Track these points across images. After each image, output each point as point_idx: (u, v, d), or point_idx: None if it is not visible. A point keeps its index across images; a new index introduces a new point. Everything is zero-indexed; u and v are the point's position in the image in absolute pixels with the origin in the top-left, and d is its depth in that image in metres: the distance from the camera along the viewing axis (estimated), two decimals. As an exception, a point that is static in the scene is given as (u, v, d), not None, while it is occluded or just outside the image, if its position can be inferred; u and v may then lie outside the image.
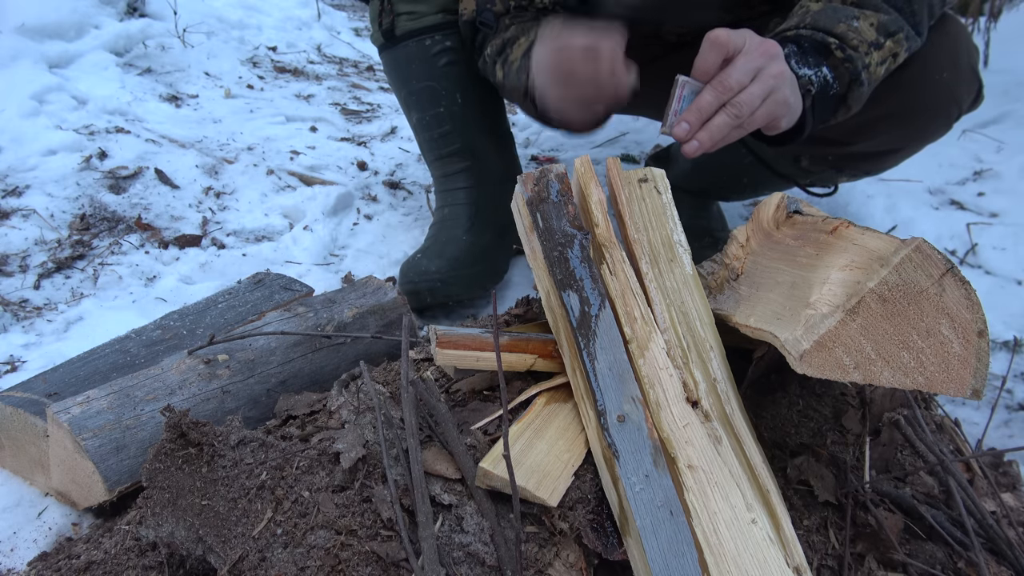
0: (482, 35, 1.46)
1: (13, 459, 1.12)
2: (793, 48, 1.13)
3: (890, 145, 1.48)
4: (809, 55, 1.13)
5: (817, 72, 1.13)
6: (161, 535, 0.84)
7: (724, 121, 1.02)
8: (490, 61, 1.44)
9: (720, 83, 1.01)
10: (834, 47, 1.14)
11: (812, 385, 1.08)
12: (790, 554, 0.79)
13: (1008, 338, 1.65)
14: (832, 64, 1.14)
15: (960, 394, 0.80)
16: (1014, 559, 0.93)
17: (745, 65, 1.01)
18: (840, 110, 1.20)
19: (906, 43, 1.22)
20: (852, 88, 1.17)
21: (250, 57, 3.17)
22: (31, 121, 2.08)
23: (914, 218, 2.09)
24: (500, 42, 1.41)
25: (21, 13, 2.50)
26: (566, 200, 0.99)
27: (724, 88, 1.01)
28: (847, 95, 1.17)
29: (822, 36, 1.15)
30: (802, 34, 1.15)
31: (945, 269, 0.79)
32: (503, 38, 1.40)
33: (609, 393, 0.85)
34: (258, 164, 2.20)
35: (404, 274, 1.64)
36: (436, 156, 1.76)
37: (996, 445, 1.35)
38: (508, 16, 1.42)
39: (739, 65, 1.01)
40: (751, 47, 1.03)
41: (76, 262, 1.70)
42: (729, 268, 1.04)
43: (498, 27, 1.43)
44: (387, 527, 0.80)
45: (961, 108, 1.42)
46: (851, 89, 1.17)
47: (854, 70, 1.15)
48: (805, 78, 1.12)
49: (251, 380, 1.11)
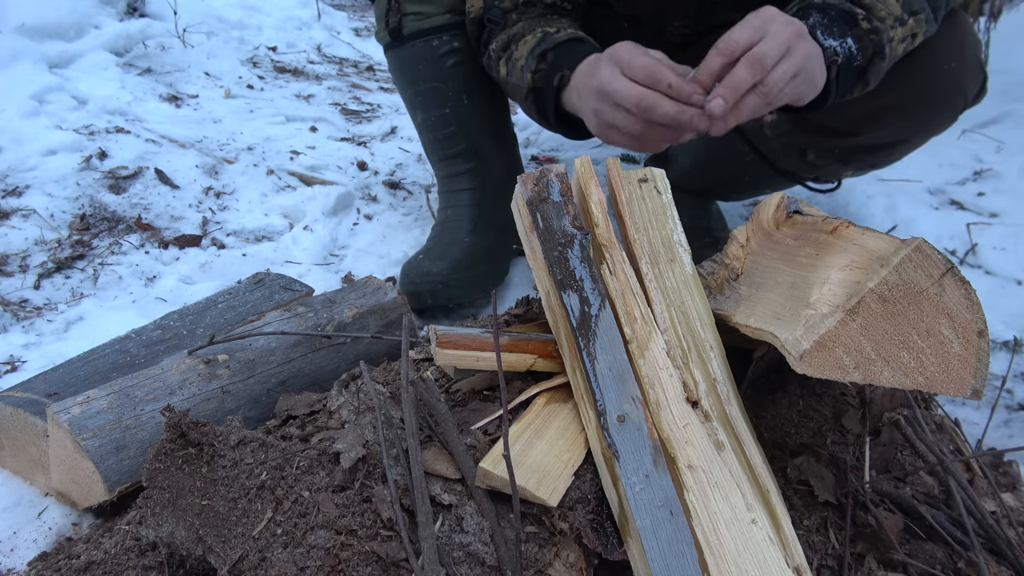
0: (488, 31, 1.45)
1: (13, 459, 1.12)
2: (819, 18, 1.13)
3: (896, 136, 1.48)
4: (835, 24, 1.13)
5: (843, 43, 1.13)
6: (161, 535, 0.84)
7: (755, 102, 1.02)
8: (494, 57, 1.42)
9: (756, 61, 1.00)
10: (860, 17, 1.14)
11: (812, 385, 1.08)
12: (790, 554, 0.79)
13: (1008, 338, 1.65)
14: (857, 35, 1.14)
15: (960, 394, 0.80)
16: (1014, 559, 0.93)
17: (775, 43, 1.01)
18: (859, 84, 1.20)
19: (925, 25, 1.22)
20: (874, 61, 1.16)
21: (250, 57, 3.17)
22: (31, 121, 2.08)
23: (914, 218, 2.09)
24: (505, 38, 1.39)
25: (21, 13, 2.50)
26: (566, 200, 0.99)
27: (760, 67, 1.00)
28: (867, 68, 1.17)
29: (849, 5, 1.15)
30: (829, 2, 1.15)
31: (945, 269, 0.79)
32: (508, 34, 1.38)
33: (609, 393, 0.85)
34: (258, 164, 2.20)
35: (405, 275, 1.64)
36: (440, 157, 1.75)
37: (996, 445, 1.35)
38: (516, 12, 1.41)
39: (771, 42, 1.01)
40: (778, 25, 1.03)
41: (76, 262, 1.71)
42: (729, 268, 1.04)
43: (505, 23, 1.41)
44: (387, 527, 0.80)
45: (967, 99, 1.42)
46: (872, 62, 1.16)
47: (879, 42, 1.15)
48: (831, 49, 1.11)
49: (251, 380, 1.11)
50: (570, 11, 1.44)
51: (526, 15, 1.40)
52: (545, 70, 1.27)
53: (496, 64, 1.43)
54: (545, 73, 1.26)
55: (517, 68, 1.34)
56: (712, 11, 1.49)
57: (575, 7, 1.45)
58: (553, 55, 1.26)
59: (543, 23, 1.35)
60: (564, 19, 1.39)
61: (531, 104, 1.34)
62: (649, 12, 1.55)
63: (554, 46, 1.27)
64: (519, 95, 1.37)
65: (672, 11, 1.52)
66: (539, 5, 1.41)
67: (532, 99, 1.32)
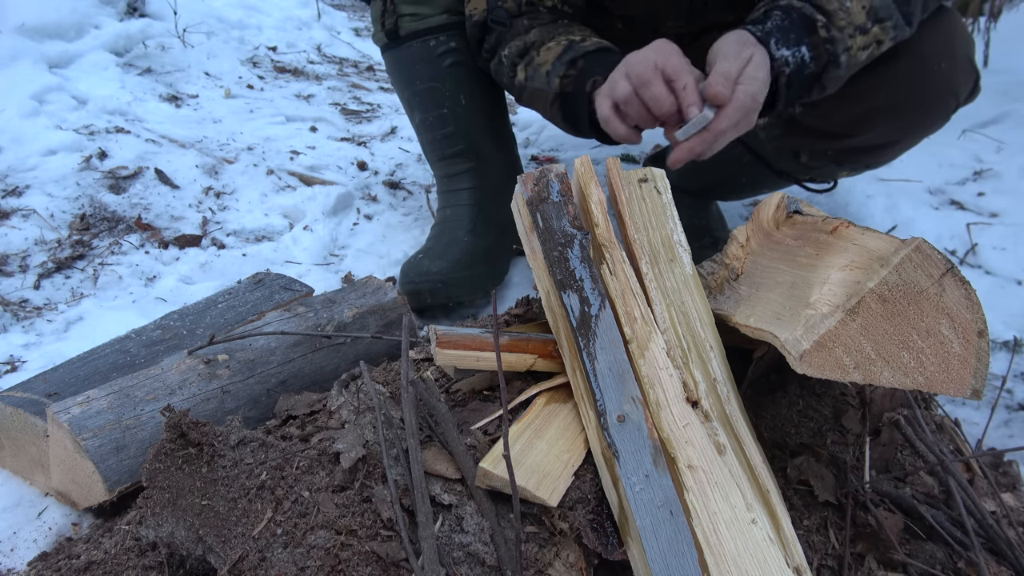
0: (496, 35, 1.45)
1: (13, 459, 1.12)
2: (778, 20, 1.15)
3: (889, 137, 1.48)
4: (792, 31, 1.15)
5: (795, 52, 1.15)
6: (161, 535, 0.84)
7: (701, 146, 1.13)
8: (506, 63, 1.43)
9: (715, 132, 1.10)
10: (820, 25, 1.15)
11: (812, 385, 1.08)
12: (790, 554, 0.79)
13: (1008, 338, 1.65)
14: (813, 42, 1.15)
15: (960, 394, 0.80)
16: (1014, 559, 0.93)
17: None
18: (815, 88, 1.21)
19: (893, 32, 1.22)
20: (828, 69, 1.18)
21: (250, 57, 3.17)
22: (31, 121, 2.08)
23: (914, 218, 2.09)
24: (522, 44, 1.39)
25: (21, 13, 2.50)
26: (566, 200, 0.99)
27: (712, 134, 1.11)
28: (822, 75, 1.18)
29: (811, 10, 1.16)
30: (793, 4, 1.16)
31: (945, 269, 0.79)
32: (525, 40, 1.39)
33: (609, 393, 0.85)
34: (258, 164, 2.20)
35: (405, 274, 1.64)
36: (439, 157, 1.75)
37: (996, 445, 1.35)
38: (524, 17, 1.42)
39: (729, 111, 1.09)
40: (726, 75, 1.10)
41: (76, 262, 1.71)
42: (729, 268, 1.04)
43: (512, 27, 1.42)
44: (387, 527, 0.80)
45: (959, 99, 1.43)
46: (827, 70, 1.18)
47: (833, 52, 1.16)
48: (781, 59, 1.14)
49: (251, 380, 1.11)
50: (571, 15, 1.45)
51: (536, 20, 1.41)
52: (575, 76, 1.29)
53: (509, 69, 1.43)
54: (575, 79, 1.29)
55: (541, 74, 1.35)
56: (703, 12, 1.50)
57: (575, 10, 1.46)
58: (584, 62, 1.29)
59: (561, 31, 1.37)
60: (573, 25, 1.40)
61: (557, 109, 1.35)
62: (642, 14, 1.55)
63: (583, 54, 1.30)
64: (541, 100, 1.38)
65: (664, 12, 1.52)
66: (541, 9, 1.42)
67: (559, 104, 1.34)
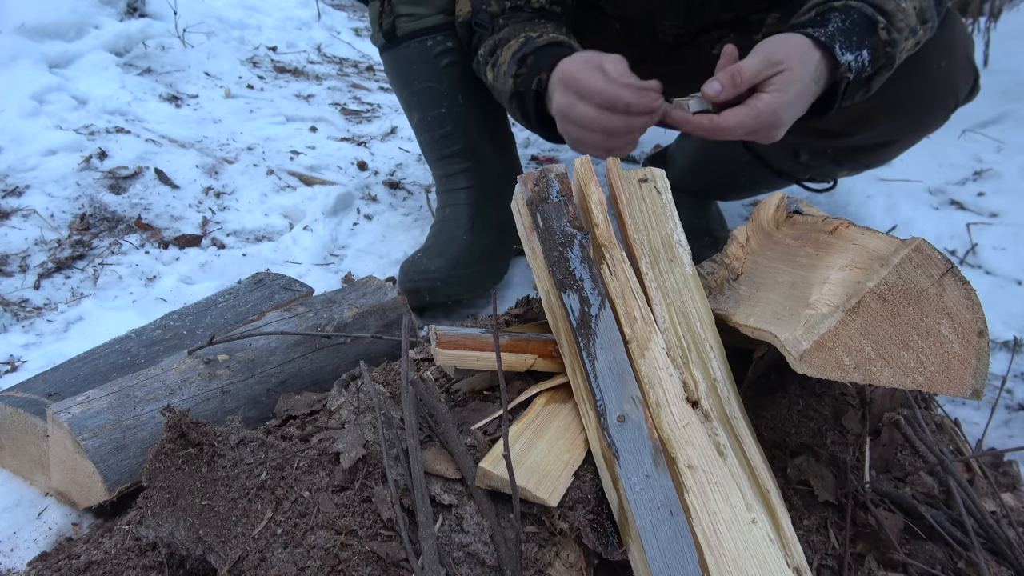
0: (477, 36, 1.45)
1: (13, 459, 1.12)
2: (839, 23, 1.11)
3: (888, 136, 1.48)
4: (854, 33, 1.11)
5: (858, 56, 1.11)
6: (161, 535, 0.84)
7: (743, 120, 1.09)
8: (482, 62, 1.43)
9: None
10: (881, 27, 1.12)
11: (812, 385, 1.08)
12: (790, 554, 0.79)
13: (1008, 338, 1.65)
14: (873, 45, 1.12)
15: (960, 394, 0.80)
16: (1014, 559, 0.93)
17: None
18: (861, 91, 1.19)
19: (930, 32, 1.21)
20: (880, 72, 1.15)
21: (250, 57, 3.16)
22: (31, 121, 2.08)
23: (914, 218, 2.09)
24: (492, 43, 1.39)
25: (21, 13, 2.50)
26: (566, 200, 0.99)
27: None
28: (873, 77, 1.16)
29: (872, 11, 1.13)
30: (851, 4, 1.13)
31: (945, 269, 0.79)
32: (495, 39, 1.39)
33: (609, 393, 0.85)
34: (258, 164, 2.20)
35: (404, 273, 1.64)
36: (437, 156, 1.75)
37: (996, 445, 1.35)
38: (503, 16, 1.41)
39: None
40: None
41: (76, 262, 1.70)
42: (729, 268, 1.04)
43: (493, 28, 1.42)
44: (387, 527, 0.80)
45: (958, 98, 1.42)
46: (879, 73, 1.15)
47: (891, 55, 1.13)
48: (845, 65, 1.10)
49: (251, 380, 1.11)
50: (559, 14, 1.43)
51: (513, 20, 1.40)
52: (525, 74, 1.28)
53: (484, 69, 1.43)
54: (525, 77, 1.28)
55: (501, 73, 1.35)
56: (700, 12, 1.50)
57: (564, 10, 1.44)
58: (533, 59, 1.27)
59: (528, 28, 1.35)
60: (549, 23, 1.38)
61: (515, 108, 1.34)
62: (640, 14, 1.55)
63: (534, 50, 1.27)
64: (504, 99, 1.38)
65: (662, 12, 1.52)
66: (527, 10, 1.40)
67: (516, 103, 1.33)
